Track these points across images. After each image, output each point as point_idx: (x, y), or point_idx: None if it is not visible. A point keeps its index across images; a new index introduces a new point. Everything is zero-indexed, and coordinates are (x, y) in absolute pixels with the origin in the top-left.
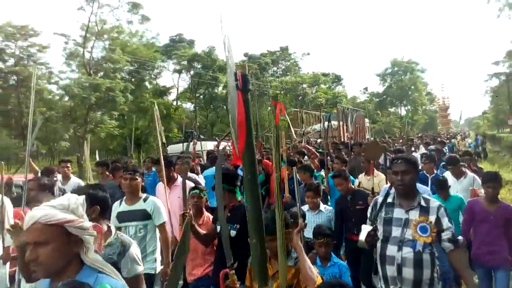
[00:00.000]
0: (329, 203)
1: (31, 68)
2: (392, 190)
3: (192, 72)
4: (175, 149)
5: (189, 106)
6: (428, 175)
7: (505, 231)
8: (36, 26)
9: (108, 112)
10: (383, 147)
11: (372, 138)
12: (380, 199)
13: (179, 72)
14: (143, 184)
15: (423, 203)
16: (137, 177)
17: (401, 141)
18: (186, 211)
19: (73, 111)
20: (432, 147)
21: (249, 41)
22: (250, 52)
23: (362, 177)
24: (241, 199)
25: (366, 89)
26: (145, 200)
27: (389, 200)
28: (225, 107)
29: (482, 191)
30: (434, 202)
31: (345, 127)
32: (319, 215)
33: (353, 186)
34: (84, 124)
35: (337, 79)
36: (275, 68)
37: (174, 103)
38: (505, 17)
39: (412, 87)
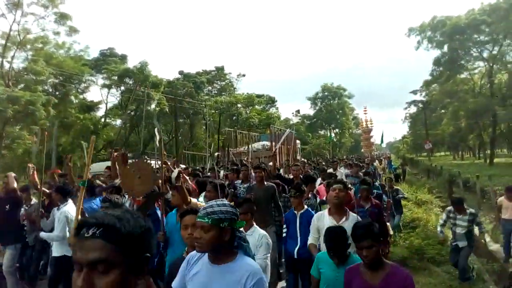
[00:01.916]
0: None
1: None
2: None
3: (122, 88)
4: (98, 168)
5: (119, 123)
6: (296, 211)
7: None
8: None
9: (27, 127)
10: (154, 178)
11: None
12: None
13: (109, 87)
14: None
15: None
16: None
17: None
18: None
19: None
20: (348, 171)
21: (184, 59)
22: (185, 70)
23: None
24: None
25: (298, 111)
26: None
27: None
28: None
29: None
30: None
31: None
32: None
33: None
34: None
35: (271, 101)
36: (210, 88)
37: (103, 119)
38: (423, 49)
39: (340, 111)
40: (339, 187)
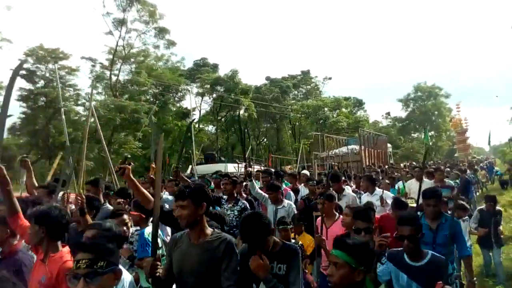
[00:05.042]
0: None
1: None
2: None
3: (214, 95)
4: (195, 170)
5: (210, 128)
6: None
7: None
8: (66, 49)
9: (132, 133)
10: None
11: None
12: None
13: (202, 95)
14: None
15: None
16: None
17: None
18: None
19: (98, 132)
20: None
21: (270, 65)
22: (272, 76)
23: None
24: None
25: (388, 114)
26: None
27: None
28: (246, 130)
29: None
30: None
31: (367, 151)
32: None
33: None
34: (108, 144)
35: (359, 104)
36: (296, 92)
37: (196, 125)
38: None
39: (436, 112)
40: None
